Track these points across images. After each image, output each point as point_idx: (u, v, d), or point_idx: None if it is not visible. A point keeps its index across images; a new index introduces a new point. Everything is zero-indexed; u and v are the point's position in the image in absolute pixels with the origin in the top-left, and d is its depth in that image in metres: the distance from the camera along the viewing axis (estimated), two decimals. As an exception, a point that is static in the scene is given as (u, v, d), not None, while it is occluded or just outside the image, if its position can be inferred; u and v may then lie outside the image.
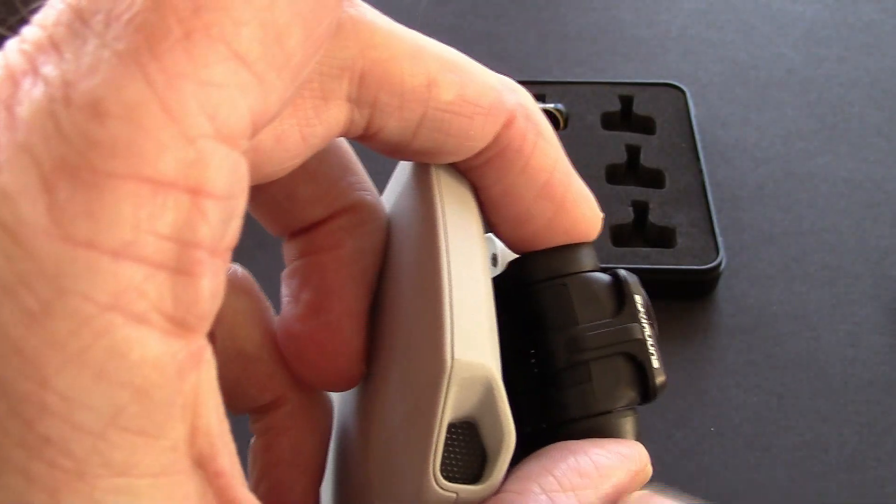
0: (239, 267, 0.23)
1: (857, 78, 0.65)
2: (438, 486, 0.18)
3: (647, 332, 0.21)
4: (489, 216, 0.21)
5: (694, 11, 0.73)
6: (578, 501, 0.18)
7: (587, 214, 0.21)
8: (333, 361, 0.21)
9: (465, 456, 0.19)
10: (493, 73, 0.20)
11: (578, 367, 0.20)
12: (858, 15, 0.71)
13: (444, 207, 0.20)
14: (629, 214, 0.53)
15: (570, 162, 0.21)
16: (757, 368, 0.47)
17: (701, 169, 0.55)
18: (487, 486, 0.18)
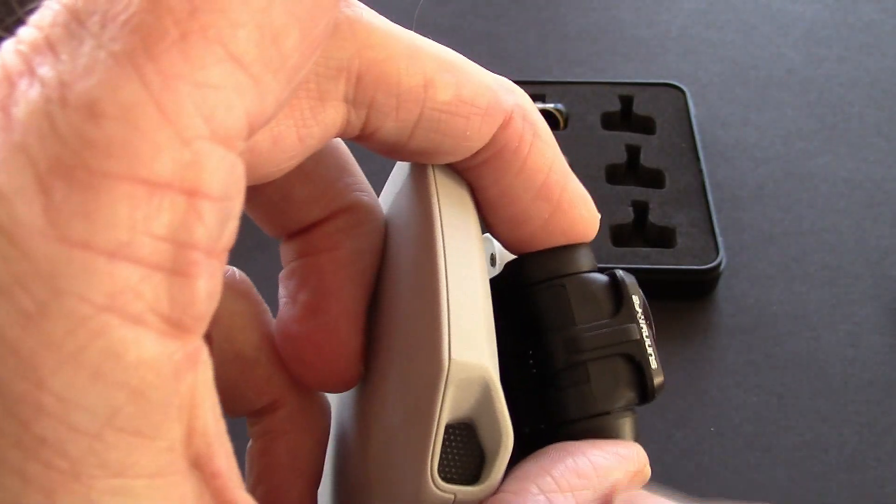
0: (236, 269, 0.23)
1: (857, 78, 0.65)
2: (436, 486, 0.18)
3: (644, 332, 0.21)
4: (486, 217, 0.21)
5: (694, 11, 0.72)
6: (576, 502, 0.18)
7: (584, 215, 0.21)
8: (331, 363, 0.21)
9: (463, 457, 0.19)
10: (490, 73, 0.20)
11: (576, 367, 0.20)
12: (858, 15, 0.71)
13: (441, 208, 0.20)
14: (629, 214, 0.53)
15: (570, 162, 0.21)
16: (757, 368, 0.47)
17: (701, 169, 0.55)
18: (485, 486, 0.18)
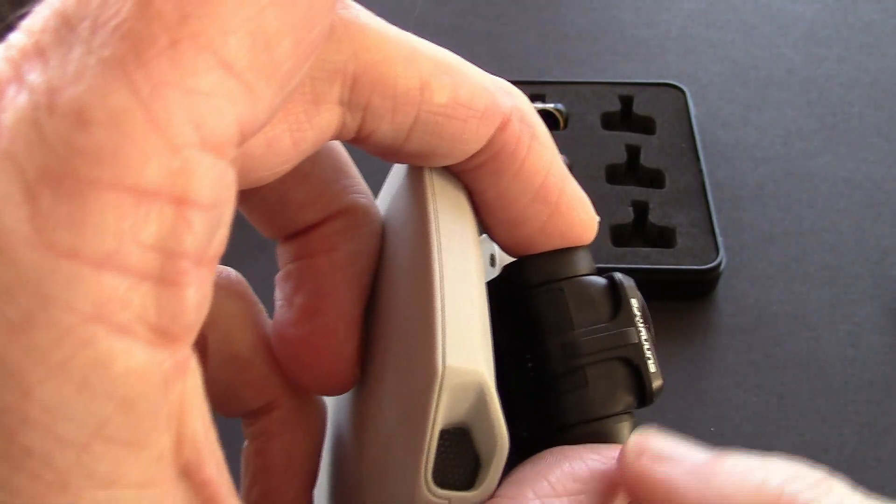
0: (232, 270, 0.22)
1: (857, 78, 0.65)
2: (430, 492, 0.18)
3: (643, 336, 0.21)
4: (484, 219, 0.21)
5: (694, 11, 0.72)
6: (572, 507, 0.18)
7: (582, 218, 0.21)
8: (328, 366, 0.21)
9: (457, 462, 0.19)
10: (488, 75, 0.20)
11: (575, 371, 0.20)
12: (858, 15, 0.71)
13: (437, 211, 0.20)
14: (629, 214, 0.53)
15: (569, 162, 0.21)
16: (757, 368, 0.47)
17: (701, 169, 0.55)
18: (480, 492, 0.18)
